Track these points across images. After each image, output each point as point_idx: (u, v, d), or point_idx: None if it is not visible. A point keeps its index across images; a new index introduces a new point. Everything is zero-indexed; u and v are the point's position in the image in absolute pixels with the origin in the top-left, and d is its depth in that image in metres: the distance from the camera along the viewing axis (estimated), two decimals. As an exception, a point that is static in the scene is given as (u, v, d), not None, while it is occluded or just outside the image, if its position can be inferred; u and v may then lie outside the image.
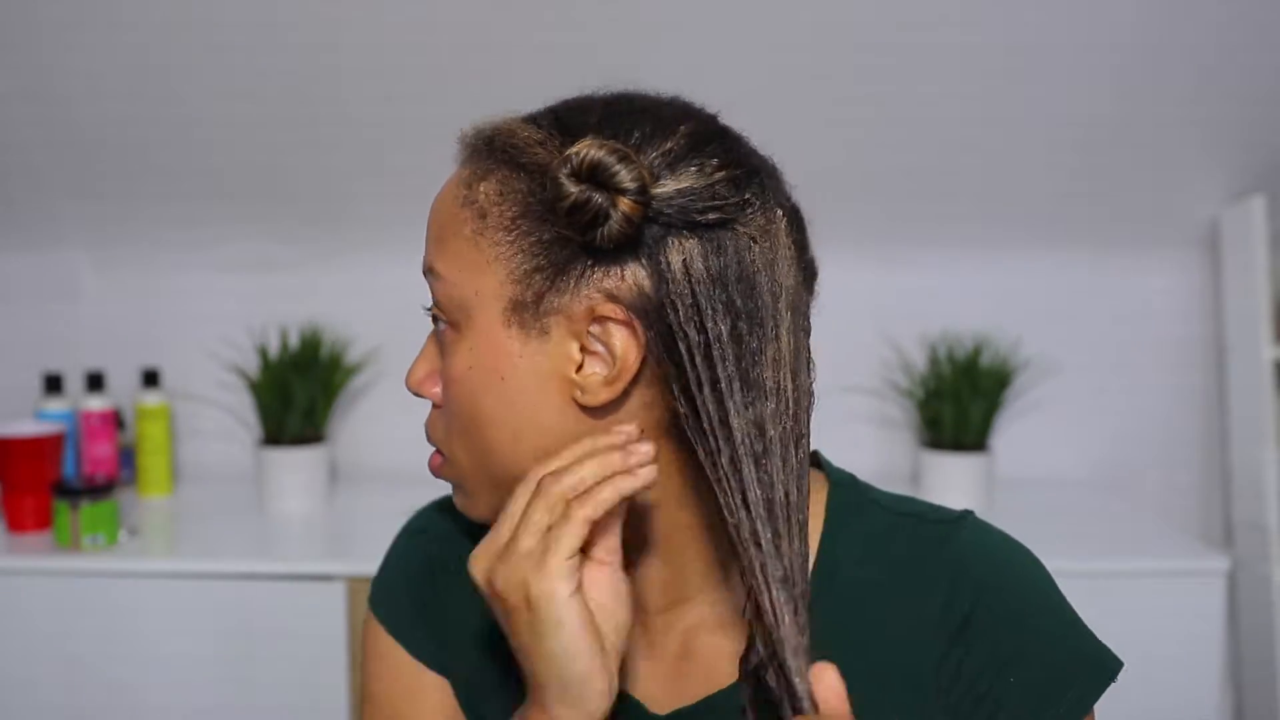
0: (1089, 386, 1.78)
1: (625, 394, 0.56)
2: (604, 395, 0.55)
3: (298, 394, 1.56)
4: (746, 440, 0.52)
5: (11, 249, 1.80)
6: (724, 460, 0.52)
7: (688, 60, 1.47)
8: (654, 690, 0.63)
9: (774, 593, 0.50)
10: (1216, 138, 1.62)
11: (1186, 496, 1.82)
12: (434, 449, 0.62)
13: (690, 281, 0.53)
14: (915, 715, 0.58)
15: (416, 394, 0.62)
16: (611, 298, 0.54)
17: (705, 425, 0.53)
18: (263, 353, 1.59)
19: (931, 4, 1.43)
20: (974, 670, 0.58)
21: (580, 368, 0.56)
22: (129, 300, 1.82)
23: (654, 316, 0.54)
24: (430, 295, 0.60)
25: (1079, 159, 1.65)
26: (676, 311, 0.53)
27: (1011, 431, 1.76)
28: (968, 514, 0.63)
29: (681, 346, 0.53)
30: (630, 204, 0.52)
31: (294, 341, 1.63)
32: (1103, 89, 1.54)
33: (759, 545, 0.51)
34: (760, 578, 0.51)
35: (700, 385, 0.53)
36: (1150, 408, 1.81)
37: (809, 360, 0.57)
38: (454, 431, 0.60)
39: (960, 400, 1.57)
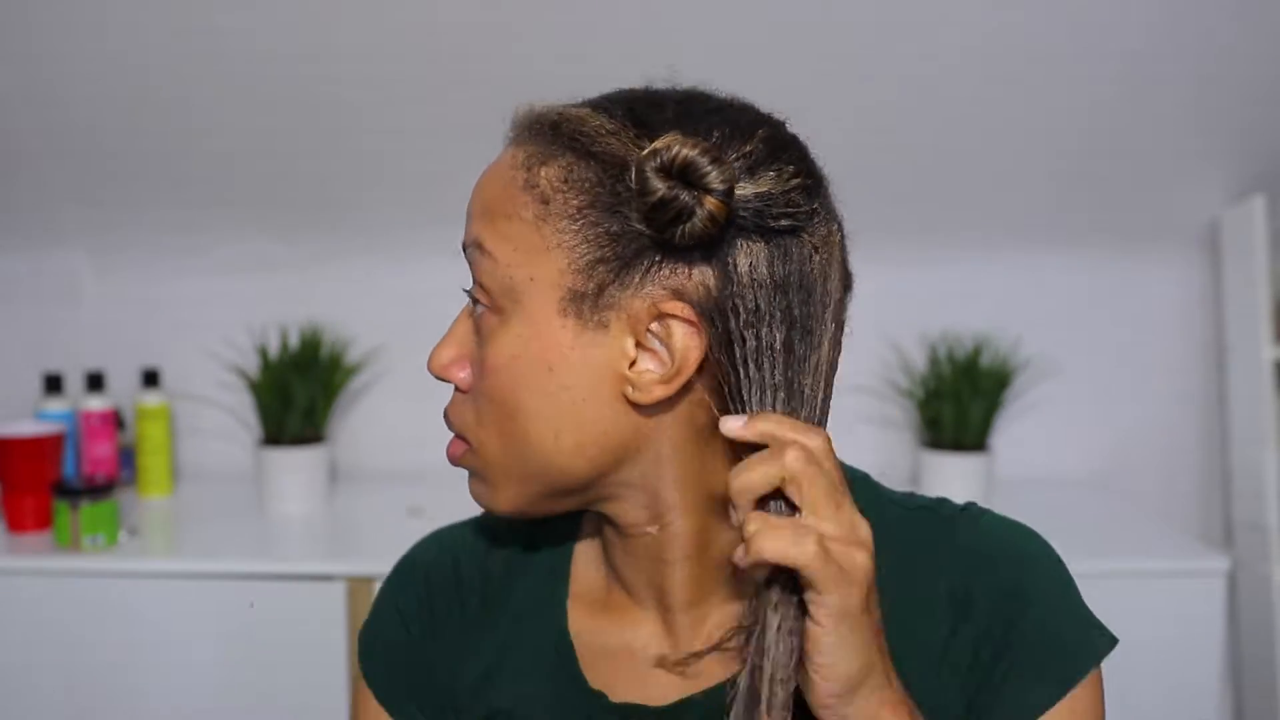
0: (1089, 387, 1.78)
1: (677, 394, 0.56)
2: (658, 393, 0.55)
3: (298, 394, 1.56)
4: None
5: (11, 250, 1.80)
6: None
7: (684, 58, 1.46)
8: (669, 686, 0.62)
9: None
10: (1216, 138, 1.62)
11: (1186, 496, 1.82)
12: (453, 436, 0.61)
13: (754, 286, 0.53)
14: (931, 700, 0.58)
15: (441, 378, 0.60)
16: (678, 295, 0.54)
17: None
18: (263, 353, 1.59)
19: (932, 5, 1.43)
20: (974, 640, 0.59)
21: (634, 364, 0.55)
22: (129, 300, 1.82)
23: (715, 318, 0.54)
24: (472, 274, 0.58)
25: (1079, 159, 1.65)
26: (738, 315, 0.53)
27: (1011, 431, 1.76)
28: (971, 505, 0.64)
29: (738, 350, 0.53)
30: (717, 204, 0.52)
31: (294, 341, 1.62)
32: (1103, 89, 1.54)
33: None
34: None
35: (750, 390, 0.53)
36: (1150, 408, 1.81)
37: (836, 370, 0.57)
38: (487, 420, 0.58)
39: (960, 400, 1.57)
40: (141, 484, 1.66)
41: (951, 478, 1.56)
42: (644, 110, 0.56)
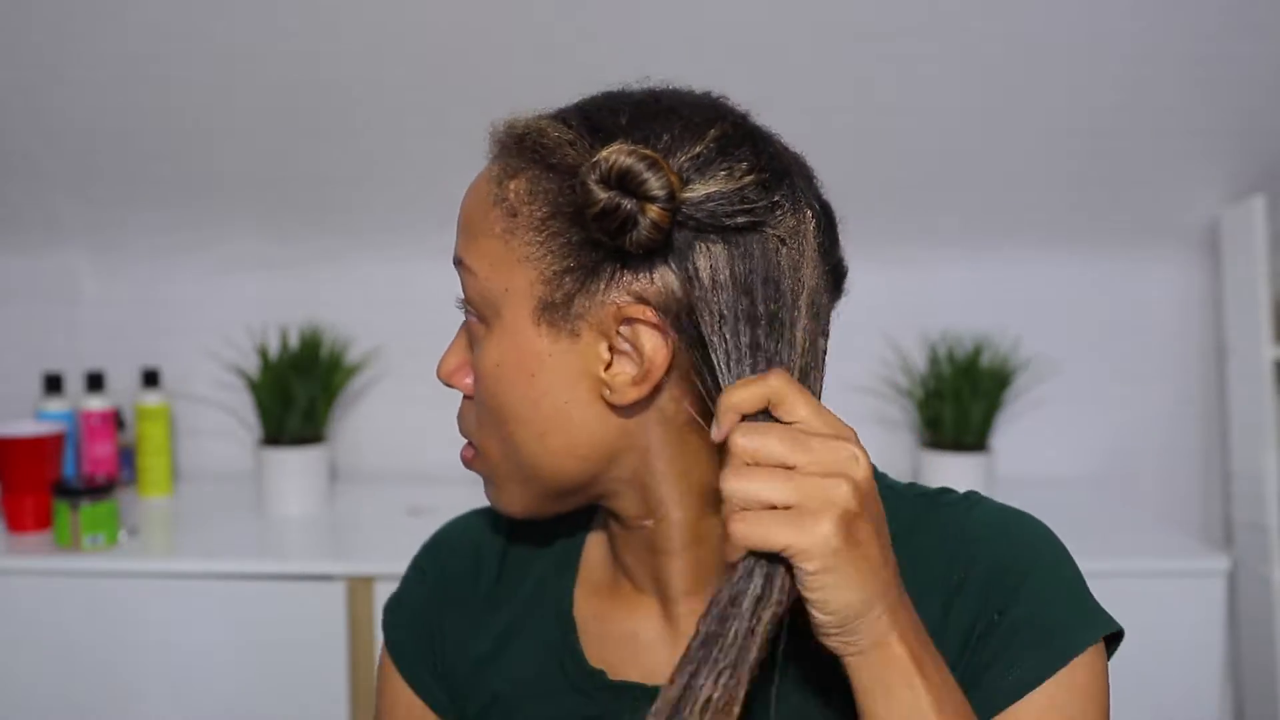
0: (1089, 386, 1.78)
1: (653, 393, 0.57)
2: (632, 395, 0.56)
3: (298, 394, 1.56)
4: None
5: (11, 250, 1.80)
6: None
7: (685, 58, 1.46)
8: (667, 668, 0.62)
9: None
10: (1216, 138, 1.62)
11: (1186, 496, 1.82)
12: (466, 441, 0.63)
13: (715, 287, 0.53)
14: None
15: (448, 385, 0.62)
16: (641, 300, 0.55)
17: None
18: (263, 353, 1.59)
19: (932, 5, 1.43)
20: (967, 620, 0.58)
21: (609, 367, 0.56)
22: (129, 300, 1.82)
23: (683, 319, 0.54)
24: (460, 288, 0.60)
25: (1079, 159, 1.65)
26: (703, 316, 0.53)
27: (1011, 431, 1.76)
28: (972, 493, 0.64)
29: (707, 350, 0.54)
30: (659, 211, 0.52)
31: (294, 341, 1.62)
32: (1103, 89, 1.54)
33: None
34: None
35: (722, 387, 0.53)
36: (1150, 408, 1.81)
37: (823, 358, 0.57)
38: (485, 425, 0.60)
39: (960, 400, 1.57)
40: (141, 484, 1.66)
41: (951, 478, 1.56)
42: (599, 117, 0.57)
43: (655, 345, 0.55)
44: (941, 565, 0.60)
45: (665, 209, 0.52)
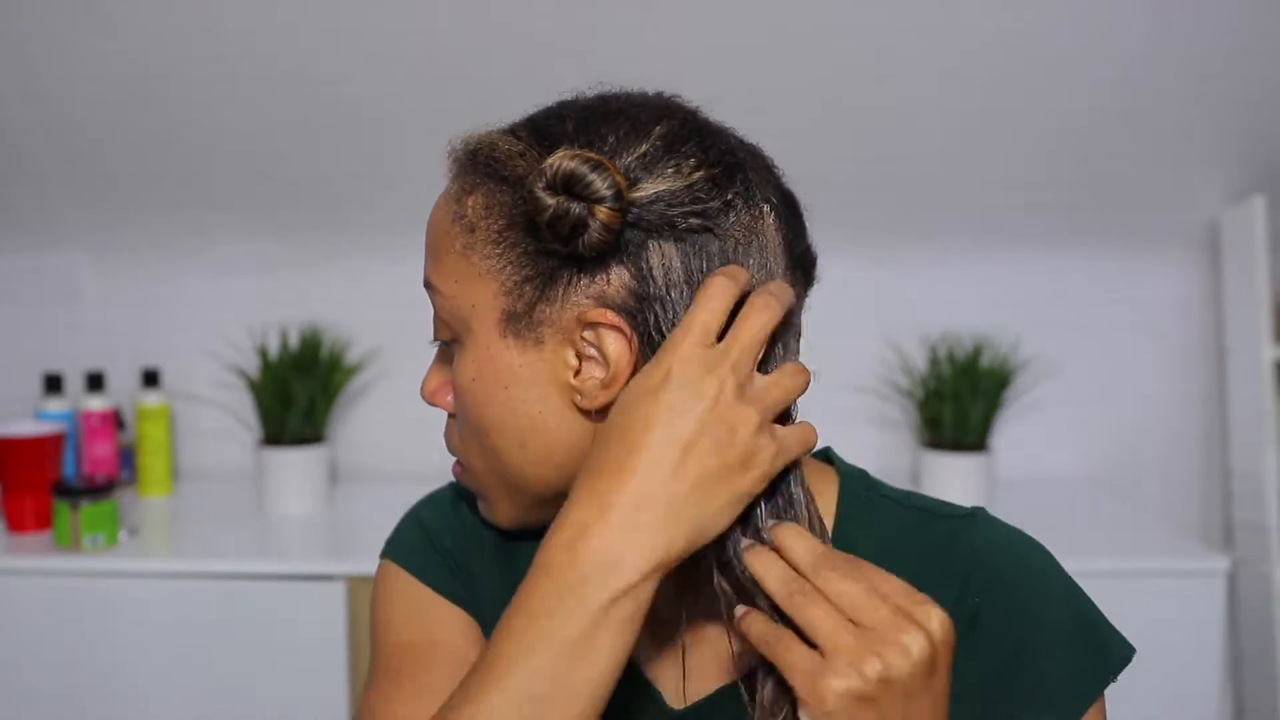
0: (1089, 387, 1.78)
1: None
2: (602, 398, 0.55)
3: (298, 394, 1.56)
4: None
5: (11, 249, 1.80)
6: None
7: (684, 59, 1.47)
8: (668, 681, 0.63)
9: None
10: (1216, 138, 1.62)
11: (1186, 496, 1.82)
12: (455, 458, 0.63)
13: (669, 286, 0.54)
14: None
15: (431, 404, 0.63)
16: (600, 303, 0.55)
17: None
18: (263, 353, 1.59)
19: (933, 8, 1.43)
20: (985, 661, 0.58)
21: (577, 373, 0.56)
22: (129, 300, 1.82)
23: (641, 318, 0.54)
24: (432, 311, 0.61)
25: (1079, 160, 1.65)
26: (659, 314, 0.54)
27: (1011, 431, 1.76)
28: (979, 510, 0.63)
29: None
30: (607, 212, 0.52)
31: (294, 341, 1.63)
32: (1103, 90, 1.54)
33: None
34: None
35: None
36: (1150, 408, 1.81)
37: (794, 346, 0.57)
38: (468, 440, 0.60)
39: (960, 400, 1.57)
40: (141, 484, 1.66)
41: (951, 478, 1.56)
42: (546, 125, 0.57)
43: (619, 348, 0.55)
44: (949, 593, 0.59)
45: (613, 209, 0.52)
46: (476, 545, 0.69)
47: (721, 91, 0.65)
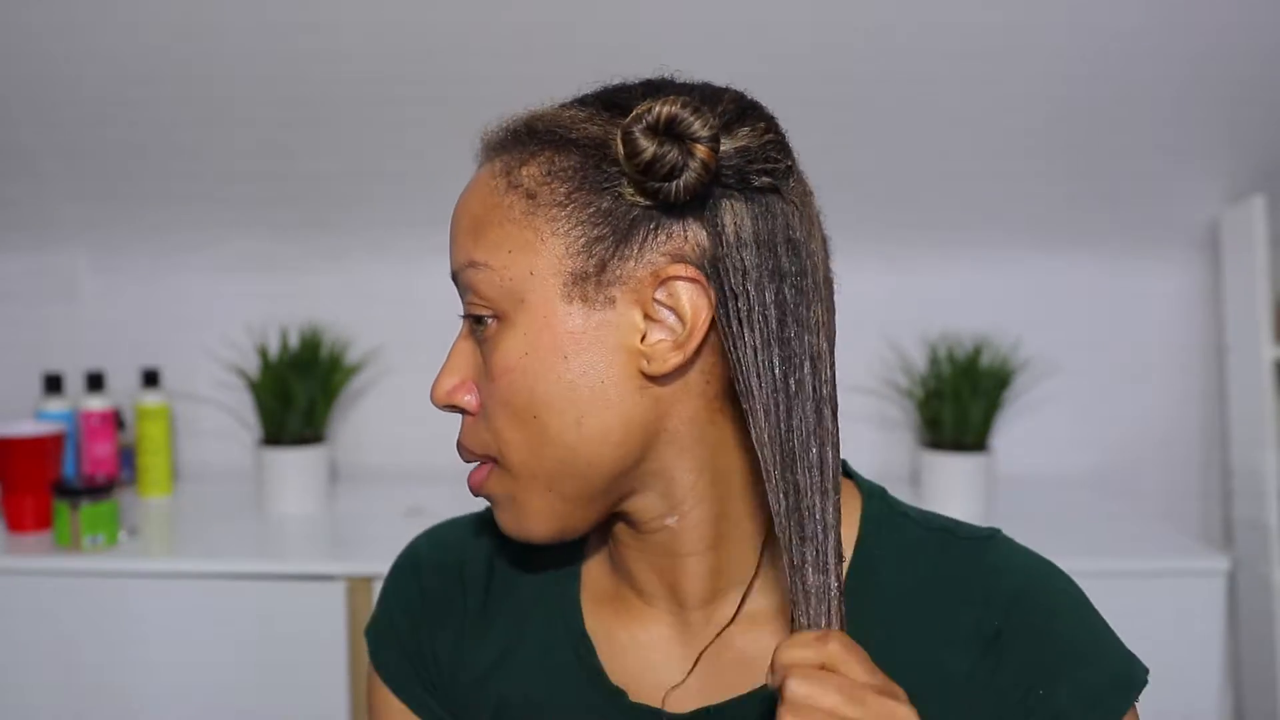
0: (1089, 386, 1.78)
1: (688, 363, 0.56)
2: (673, 360, 0.55)
3: (298, 394, 1.56)
4: (782, 400, 0.54)
5: (11, 249, 1.81)
6: (761, 419, 0.54)
7: (689, 57, 1.46)
8: (680, 688, 0.62)
9: (799, 554, 0.53)
10: (1217, 138, 1.62)
11: (1186, 496, 1.82)
12: (474, 465, 0.60)
13: (739, 245, 0.54)
14: None
15: (446, 407, 0.60)
16: (678, 258, 0.55)
17: (753, 388, 0.54)
18: (263, 353, 1.59)
19: (930, 6, 1.43)
20: (1004, 684, 0.58)
21: (644, 338, 0.56)
22: (129, 300, 1.82)
23: (714, 278, 0.55)
24: (467, 295, 0.58)
25: (1079, 159, 1.65)
26: (730, 273, 0.54)
27: (1011, 431, 1.76)
28: (996, 531, 0.63)
29: (733, 308, 0.54)
30: (706, 150, 0.53)
31: (294, 341, 1.63)
32: (1102, 89, 1.54)
33: (790, 495, 0.53)
34: (792, 542, 0.53)
35: (749, 349, 0.54)
36: (1150, 408, 1.81)
37: (834, 334, 0.58)
38: (506, 429, 0.57)
39: (960, 400, 1.57)
40: (141, 484, 1.66)
41: (951, 478, 1.56)
42: (612, 95, 0.58)
43: (698, 301, 0.55)
44: (972, 615, 0.59)
45: (711, 148, 0.53)
46: (448, 616, 0.69)
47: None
